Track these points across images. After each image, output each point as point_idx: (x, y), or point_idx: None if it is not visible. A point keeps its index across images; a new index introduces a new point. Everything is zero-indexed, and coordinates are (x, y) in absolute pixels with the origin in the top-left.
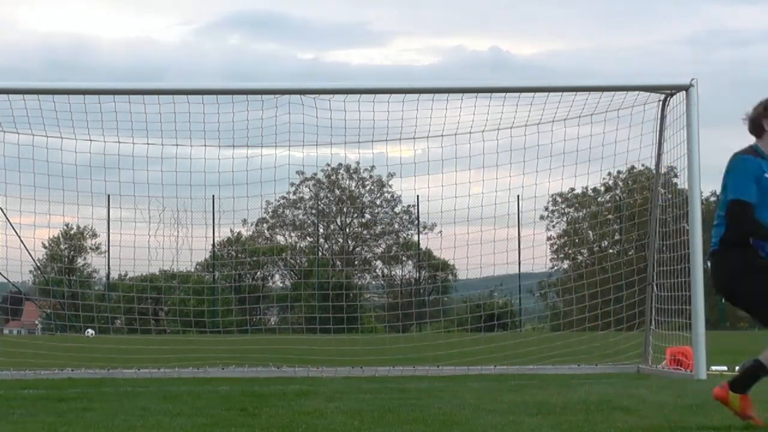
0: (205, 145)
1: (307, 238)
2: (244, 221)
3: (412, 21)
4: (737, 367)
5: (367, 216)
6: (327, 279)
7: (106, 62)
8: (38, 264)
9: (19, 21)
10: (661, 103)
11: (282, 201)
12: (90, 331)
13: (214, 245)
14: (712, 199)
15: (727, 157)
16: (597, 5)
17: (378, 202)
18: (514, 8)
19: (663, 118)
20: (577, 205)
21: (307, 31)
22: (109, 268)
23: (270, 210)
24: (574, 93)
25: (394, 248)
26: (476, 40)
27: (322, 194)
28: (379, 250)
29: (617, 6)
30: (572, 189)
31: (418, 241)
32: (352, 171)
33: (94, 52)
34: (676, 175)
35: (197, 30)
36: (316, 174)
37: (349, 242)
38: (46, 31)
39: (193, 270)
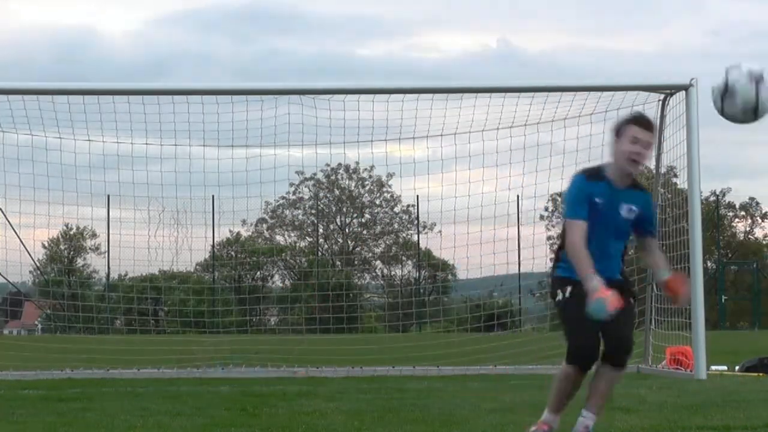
0: (204, 145)
1: (307, 238)
2: (244, 221)
3: (417, 16)
4: (737, 367)
5: (367, 216)
6: (327, 279)
7: (108, 56)
8: (38, 264)
9: (23, 13)
10: (660, 102)
11: (281, 201)
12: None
13: (213, 245)
14: (712, 199)
15: (729, 155)
16: (598, 4)
17: (377, 202)
18: (516, 6)
19: (663, 117)
20: None
21: (311, 26)
22: (109, 268)
23: (269, 210)
24: (574, 93)
25: (393, 248)
26: (482, 35)
27: (321, 194)
28: (378, 250)
29: (617, 5)
30: None
31: (418, 241)
32: (351, 171)
33: (97, 45)
34: (675, 175)
35: (200, 24)
36: (315, 174)
37: (349, 242)
38: (51, 24)
39: (193, 270)
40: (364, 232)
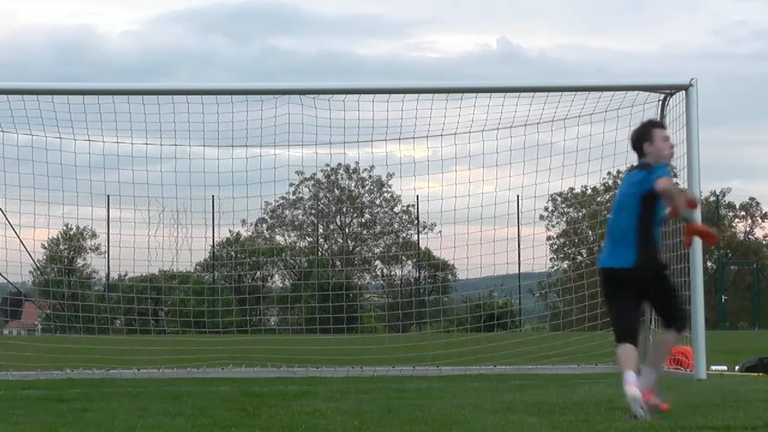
0: (204, 145)
1: (307, 238)
2: (243, 221)
3: (417, 16)
4: (737, 367)
5: (367, 216)
6: (327, 279)
7: (108, 56)
8: (38, 265)
9: (23, 13)
10: (660, 102)
11: (281, 201)
12: None
13: (213, 245)
14: (712, 199)
15: (729, 155)
16: (598, 4)
17: (377, 202)
18: (516, 7)
19: (663, 117)
20: (576, 205)
21: (311, 26)
22: (108, 268)
23: (269, 210)
24: (574, 93)
25: (393, 248)
26: (482, 35)
27: (321, 194)
28: (378, 250)
29: (617, 5)
30: (572, 189)
31: (418, 241)
32: (351, 171)
33: (96, 45)
34: (675, 175)
35: (200, 24)
36: (315, 174)
37: (349, 242)
38: (51, 24)
39: (193, 270)
40: (364, 232)
